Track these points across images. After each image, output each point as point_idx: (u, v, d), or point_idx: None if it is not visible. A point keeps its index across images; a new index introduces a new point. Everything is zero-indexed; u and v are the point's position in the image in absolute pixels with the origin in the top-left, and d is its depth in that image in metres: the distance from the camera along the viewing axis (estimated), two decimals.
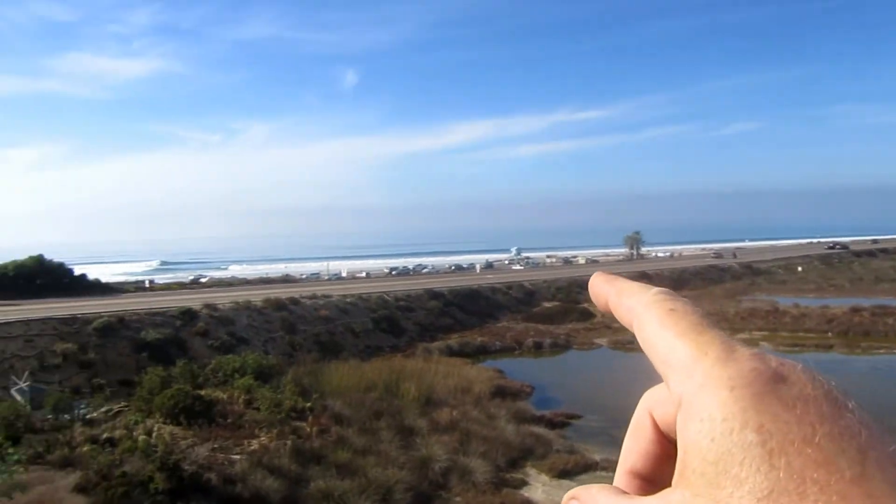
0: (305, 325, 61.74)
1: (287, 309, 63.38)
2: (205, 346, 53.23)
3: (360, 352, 58.95)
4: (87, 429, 31.13)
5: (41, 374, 42.66)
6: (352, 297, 71.02)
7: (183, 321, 55.72)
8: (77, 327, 50.27)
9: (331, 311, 65.38)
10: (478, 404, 38.62)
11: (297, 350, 56.27)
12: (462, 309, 76.08)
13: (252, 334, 57.70)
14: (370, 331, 64.88)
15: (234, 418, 32.84)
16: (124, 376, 45.50)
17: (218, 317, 58.37)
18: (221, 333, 55.54)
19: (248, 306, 62.05)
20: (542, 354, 60.85)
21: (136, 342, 50.51)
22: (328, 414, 34.11)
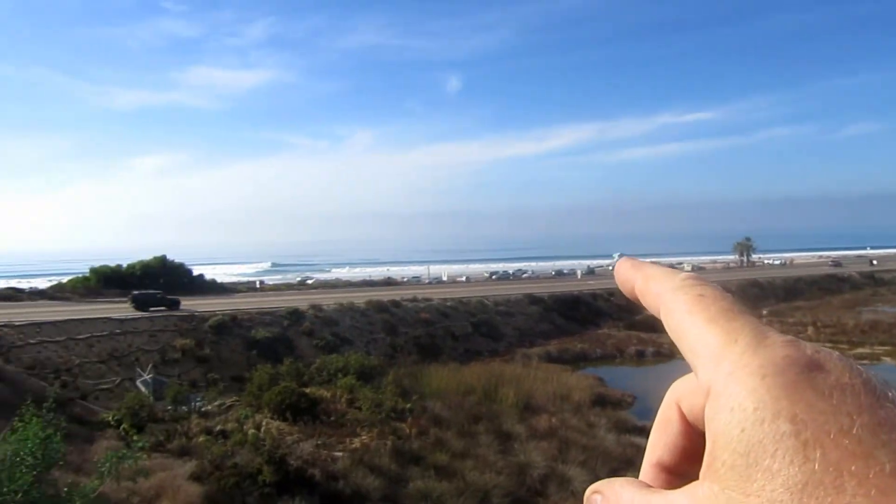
0: (406, 328, 62.72)
1: (389, 311, 64.63)
2: (310, 345, 55.06)
3: (459, 355, 59.26)
4: (203, 420, 32.86)
5: (162, 368, 45.43)
6: (452, 300, 71.53)
7: (290, 321, 57.88)
8: (195, 324, 53.21)
9: (431, 314, 66.12)
10: (577, 412, 37.91)
11: (397, 351, 57.23)
12: (562, 315, 75.04)
13: (355, 335, 59.19)
14: (469, 334, 65.09)
15: (336, 416, 33.75)
16: (236, 372, 47.76)
17: (323, 317, 60.26)
18: (326, 333, 57.30)
19: (351, 308, 63.75)
20: (645, 363, 59.02)
21: (247, 340, 52.91)
22: (427, 416, 34.43)
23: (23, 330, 45.39)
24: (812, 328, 69.11)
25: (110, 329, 49.03)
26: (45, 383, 38.31)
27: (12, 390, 31.06)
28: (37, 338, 44.85)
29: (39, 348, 43.70)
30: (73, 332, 47.01)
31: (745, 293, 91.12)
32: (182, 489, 21.45)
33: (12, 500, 12.80)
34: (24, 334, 44.82)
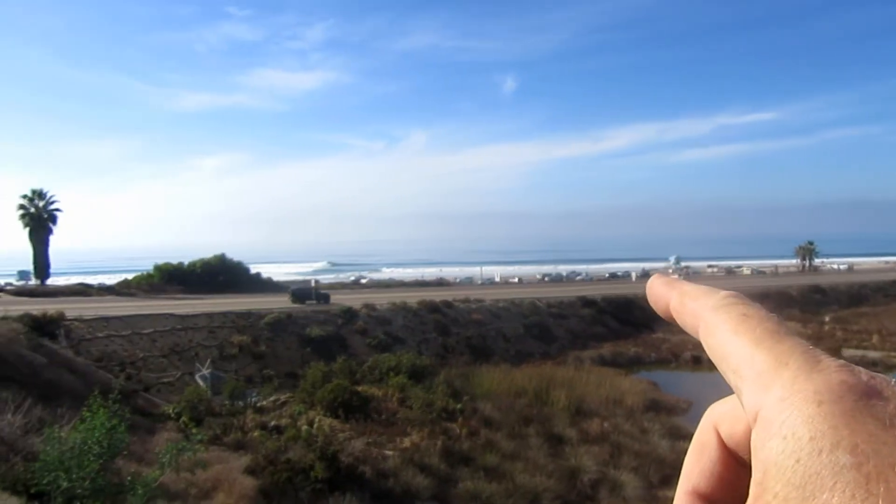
0: (458, 328, 62.88)
1: (441, 311, 64.95)
2: (363, 343, 55.74)
3: (510, 357, 59.11)
4: (258, 416, 33.64)
5: (220, 363, 46.69)
6: (504, 301, 71.35)
7: (344, 319, 58.72)
8: (251, 321, 54.50)
9: (483, 316, 66.12)
10: (630, 417, 37.37)
11: (449, 352, 57.44)
12: (616, 318, 74.06)
13: (407, 334, 59.65)
14: (521, 336, 64.85)
15: (387, 415, 34.09)
16: (290, 369, 48.74)
17: (376, 316, 60.93)
18: (378, 332, 57.92)
19: (404, 307, 64.27)
20: (701, 368, 57.66)
21: (302, 337, 53.90)
22: (478, 417, 34.47)
23: (92, 324, 47.30)
24: (877, 336, 66.41)
25: (172, 325, 50.65)
26: (111, 375, 39.87)
27: (83, 382, 32.41)
28: (104, 332, 46.68)
29: (107, 342, 45.47)
30: (138, 327, 48.76)
31: (807, 299, 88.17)
32: (237, 482, 22.01)
33: (81, 486, 13.39)
34: (92, 328, 46.71)
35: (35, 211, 76.75)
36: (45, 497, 13.08)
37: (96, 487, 13.50)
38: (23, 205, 76.57)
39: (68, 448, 13.88)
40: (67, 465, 13.52)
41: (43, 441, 14.51)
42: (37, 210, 76.84)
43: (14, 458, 14.79)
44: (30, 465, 13.99)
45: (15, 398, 18.04)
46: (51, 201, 77.64)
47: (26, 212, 76.59)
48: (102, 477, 13.85)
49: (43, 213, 77.11)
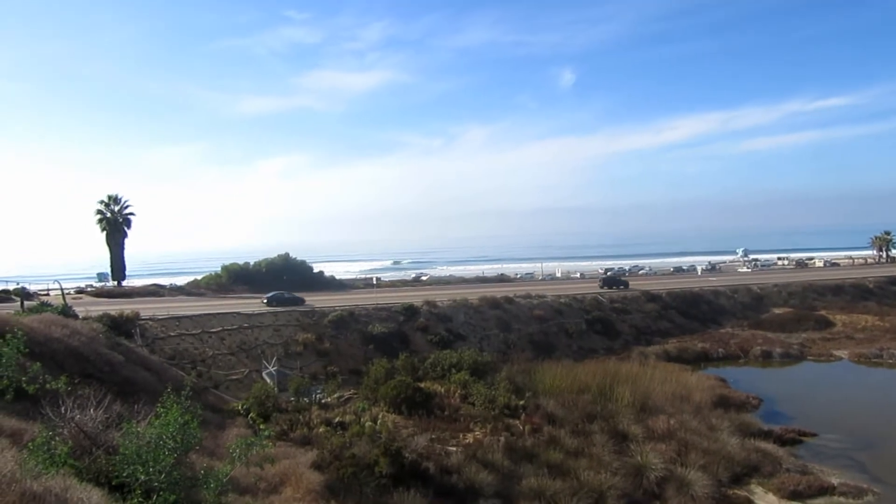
0: (519, 324, 62.64)
1: (502, 308, 64.78)
2: (424, 340, 56.12)
3: (573, 353, 58.56)
4: (323, 412, 34.29)
5: (285, 360, 47.79)
6: (566, 297, 70.72)
7: (405, 316, 59.23)
8: (315, 319, 55.57)
9: (545, 311, 65.68)
10: (697, 414, 36.52)
11: (510, 348, 57.30)
12: (681, 313, 72.45)
13: (468, 331, 59.76)
14: (584, 332, 64.16)
15: (450, 411, 34.24)
16: (354, 366, 49.48)
17: (437, 313, 61.25)
18: (440, 329, 58.21)
19: (465, 304, 64.37)
20: (771, 364, 55.92)
21: (364, 335, 54.64)
22: (540, 413, 34.29)
23: (164, 323, 49.15)
24: None
25: (239, 323, 52.13)
26: (183, 373, 41.36)
27: (157, 379, 33.71)
28: (176, 330, 48.43)
29: (178, 340, 47.17)
30: (207, 326, 50.36)
31: (885, 291, 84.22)
32: (304, 477, 22.52)
33: (157, 479, 13.95)
34: (165, 327, 48.53)
35: (111, 215, 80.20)
36: (125, 489, 13.68)
37: (172, 481, 14.04)
38: (100, 210, 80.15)
39: (145, 443, 14.48)
40: (145, 459, 14.10)
41: (122, 435, 15.17)
42: (112, 214, 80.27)
43: (96, 451, 15.51)
44: (111, 459, 14.64)
45: (96, 394, 18.91)
46: (125, 206, 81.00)
47: (103, 216, 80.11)
48: (177, 470, 14.38)
49: (118, 217, 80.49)
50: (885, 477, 29.29)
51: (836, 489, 27.64)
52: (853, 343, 60.65)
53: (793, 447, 33.81)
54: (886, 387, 48.40)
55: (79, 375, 25.49)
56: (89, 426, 16.44)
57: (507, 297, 67.60)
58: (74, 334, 31.89)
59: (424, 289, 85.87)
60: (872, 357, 55.78)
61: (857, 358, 55.94)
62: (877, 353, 56.21)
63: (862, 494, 27.30)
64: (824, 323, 68.34)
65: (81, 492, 11.51)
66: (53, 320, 33.65)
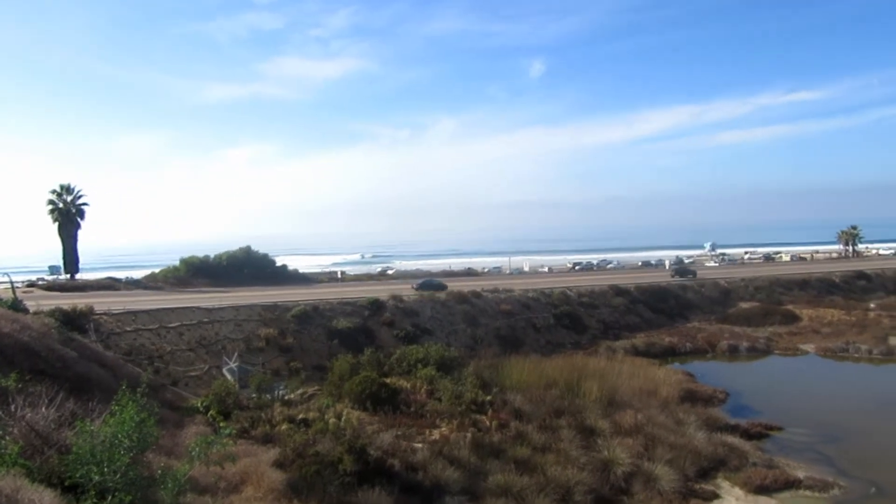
0: (487, 319, 62.97)
1: (469, 302, 65.05)
2: (390, 335, 56.11)
3: (540, 347, 59.05)
4: (285, 409, 34.07)
5: (247, 356, 47.37)
6: (534, 291, 71.28)
7: (371, 311, 59.15)
8: (278, 314, 55.15)
9: (512, 306, 66.11)
10: (665, 408, 37.13)
11: (478, 343, 57.57)
12: (649, 307, 73.54)
13: (435, 326, 59.89)
14: (552, 326, 64.74)
15: (416, 407, 34.30)
16: (318, 361, 49.27)
17: (403, 308, 61.27)
18: (406, 324, 58.24)
19: (432, 298, 64.48)
20: (738, 359, 57.07)
21: (329, 330, 54.41)
22: (508, 409, 34.53)
23: (120, 318, 48.31)
24: None
25: (198, 318, 51.49)
26: (139, 369, 40.71)
27: (112, 375, 33.11)
28: (132, 325, 47.64)
29: (135, 335, 46.42)
30: (165, 321, 49.64)
31: (851, 285, 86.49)
32: (266, 475, 22.36)
33: (112, 479, 13.74)
34: (121, 322, 47.71)
35: (63, 206, 78.39)
36: (78, 490, 13.44)
37: (127, 481, 13.82)
38: (52, 200, 78.29)
39: (99, 441, 14.23)
40: (99, 459, 13.86)
41: (75, 434, 14.91)
42: (65, 205, 78.47)
43: (48, 450, 15.22)
44: (63, 458, 14.38)
45: (48, 391, 18.53)
46: (78, 196, 79.21)
47: (55, 207, 78.27)
48: (133, 470, 14.17)
49: (71, 207, 78.71)
50: (851, 470, 30.10)
51: (802, 483, 28.32)
52: (819, 337, 62.21)
53: (759, 441, 34.57)
54: (852, 380, 49.76)
55: (30, 372, 24.92)
56: (41, 425, 16.13)
57: (475, 292, 67.85)
58: (25, 329, 31.16)
59: (391, 283, 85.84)
60: (838, 351, 57.26)
61: (824, 352, 57.39)
62: (843, 347, 57.70)
63: (828, 488, 28.00)
64: (791, 317, 69.97)
65: (33, 493, 11.31)
66: (2, 315, 32.84)
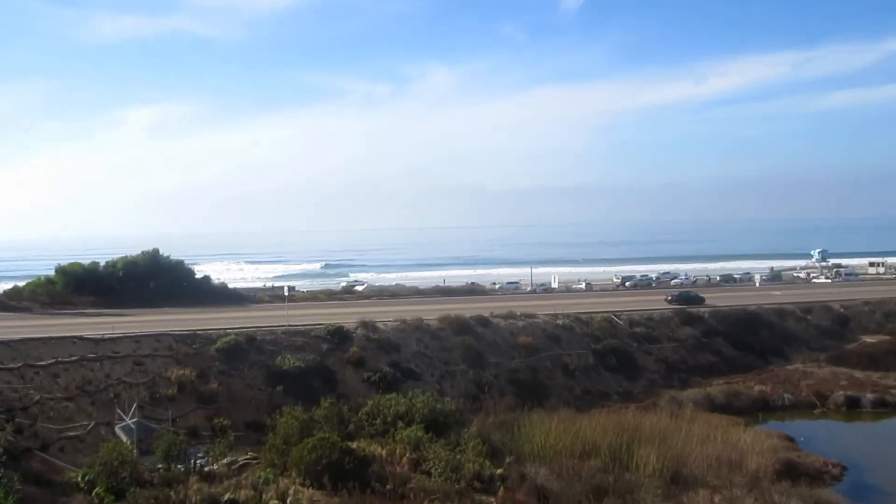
0: (497, 356, 62.69)
1: (472, 332, 64.77)
2: (359, 379, 55.66)
3: (574, 398, 58.80)
4: (205, 485, 33.61)
5: (151, 408, 46.86)
6: (565, 317, 71.14)
7: (331, 344, 58.71)
8: (197, 347, 54.68)
9: (535, 338, 65.85)
10: (753, 488, 36.81)
11: (484, 391, 57.32)
12: (732, 341, 73.33)
13: (423, 366, 59.53)
14: (591, 368, 64.47)
15: (395, 484, 33.90)
16: (253, 416, 48.75)
17: (378, 340, 60.89)
18: (382, 363, 57.79)
19: (418, 327, 64.21)
20: (860, 417, 56.81)
21: (270, 370, 53.92)
22: (527, 487, 34.19)
23: None
24: None
25: (81, 352, 50.99)
26: None
27: None
28: None
29: None
30: (32, 357, 49.13)
31: None
32: None
33: None
34: None
35: None
36: None
37: None
38: None
39: None
40: None
41: None
42: None
43: None
44: None
45: None
46: None
47: None
48: None
49: None
50: None
51: None
52: None
53: None
54: None
55: None
56: None
57: (481, 318, 67.66)
58: None
59: (360, 304, 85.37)
60: None
61: None
62: None
63: None
64: None
65: None
66: None
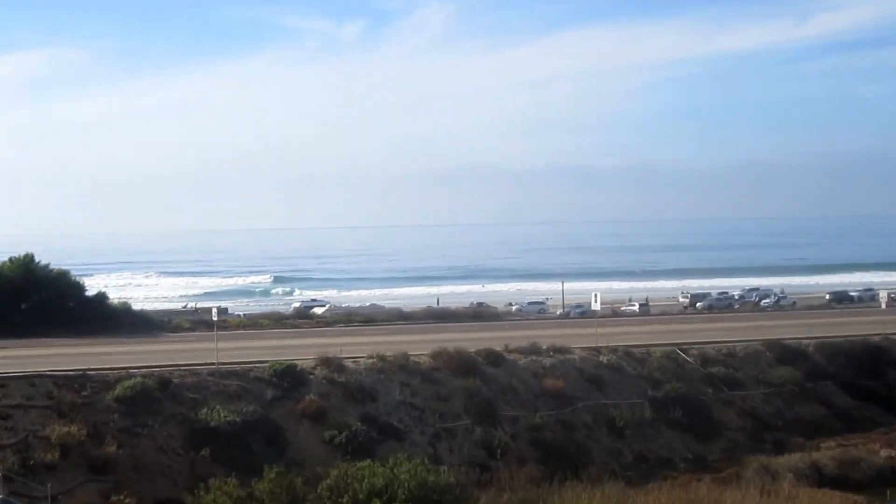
0: (515, 408, 62.69)
1: (479, 373, 64.67)
2: (318, 439, 55.52)
3: (624, 466, 58.94)
4: None
5: (23, 481, 46.63)
6: (610, 353, 71.28)
7: (279, 390, 58.56)
8: (88, 395, 54.47)
9: (567, 382, 65.71)
10: None
11: (496, 456, 57.37)
12: (846, 386, 73.24)
13: (409, 421, 59.42)
14: (647, 424, 64.35)
15: None
16: (168, 492, 48.76)
17: (345, 384, 60.73)
18: (351, 417, 57.57)
19: (403, 366, 64.07)
20: None
21: (192, 427, 53.75)
22: None
23: None
24: None
25: None
26: None
27: None
28: None
29: None
30: None
31: None
32: None
33: None
34: None
35: None
36: None
37: None
38: None
39: None
40: None
41: None
42: None
43: None
44: None
45: None
46: None
47: None
48: None
49: None
50: None
51: None
52: None
53: None
54: None
55: None
56: None
57: (492, 353, 67.72)
58: None
59: (322, 332, 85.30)
60: None
61: None
62: None
63: None
64: None
65: None
66: None
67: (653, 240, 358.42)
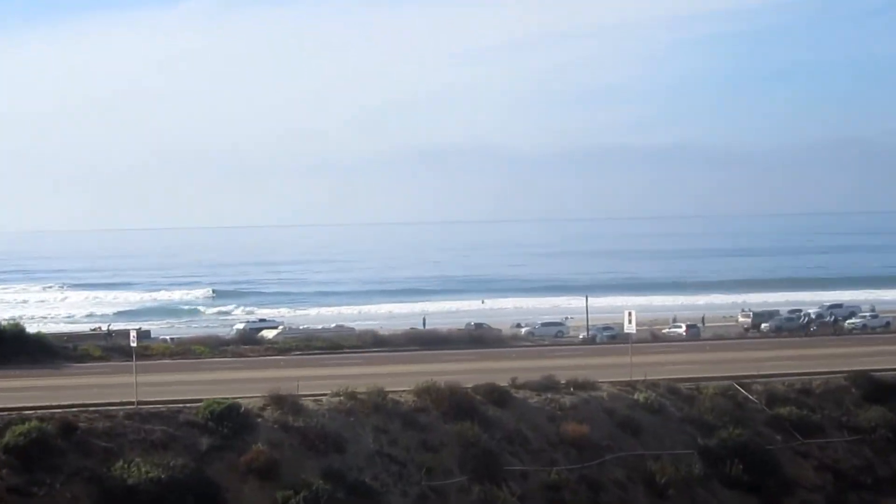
0: (524, 461, 62.47)
1: (478, 416, 64.44)
2: (267, 501, 55.31)
3: None
4: None
5: None
6: (650, 389, 71.15)
7: (217, 437, 58.31)
8: None
9: (594, 427, 65.45)
10: None
11: None
12: None
13: (386, 477, 59.14)
14: (697, 481, 64.16)
15: None
16: None
17: (303, 429, 60.48)
18: (310, 473, 57.36)
19: (378, 406, 63.87)
20: None
21: (104, 486, 53.43)
22: None
23: None
24: None
25: None
26: None
27: None
28: None
29: None
30: None
31: None
32: None
33: None
34: None
35: None
36: None
37: None
38: None
39: None
40: None
41: None
42: None
43: None
44: None
45: None
46: None
47: None
48: None
49: None
50: None
51: None
52: None
53: None
54: None
55: None
56: None
57: (494, 389, 67.53)
58: None
59: (272, 363, 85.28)
60: None
61: None
62: None
63: None
64: None
65: None
66: None
67: (705, 241, 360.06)
